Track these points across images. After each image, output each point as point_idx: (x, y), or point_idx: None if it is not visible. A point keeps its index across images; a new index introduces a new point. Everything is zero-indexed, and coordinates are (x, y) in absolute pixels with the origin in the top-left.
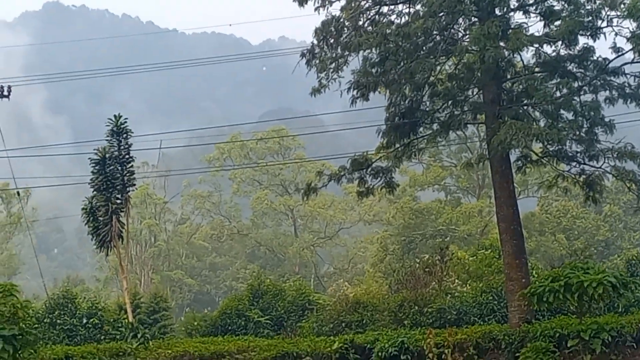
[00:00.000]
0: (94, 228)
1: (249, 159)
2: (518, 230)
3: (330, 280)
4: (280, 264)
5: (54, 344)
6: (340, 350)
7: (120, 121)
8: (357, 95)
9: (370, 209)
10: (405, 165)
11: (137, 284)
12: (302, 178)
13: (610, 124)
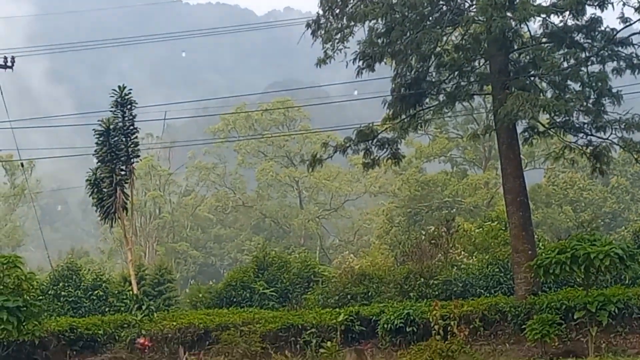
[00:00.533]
0: (98, 199)
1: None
2: (524, 202)
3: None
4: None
5: (58, 315)
6: (346, 322)
7: (124, 92)
8: (363, 66)
9: (376, 181)
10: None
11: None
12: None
13: (617, 95)
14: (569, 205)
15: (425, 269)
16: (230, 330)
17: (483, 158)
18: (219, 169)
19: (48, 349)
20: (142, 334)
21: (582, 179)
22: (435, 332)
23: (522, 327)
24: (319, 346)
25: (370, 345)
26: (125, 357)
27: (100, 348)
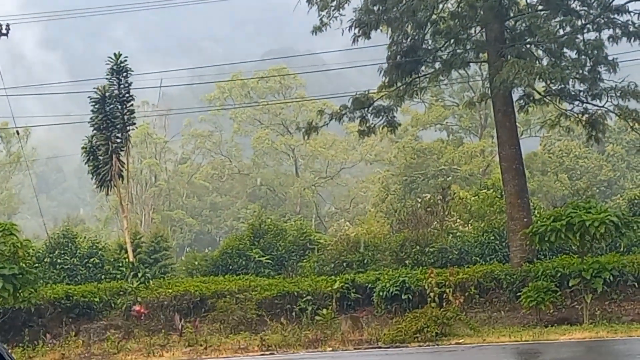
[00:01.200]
0: (94, 167)
1: (249, 98)
2: (520, 170)
3: (332, 220)
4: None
5: (54, 283)
6: (341, 289)
7: (120, 60)
8: (359, 33)
9: (372, 149)
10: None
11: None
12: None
13: (613, 63)
14: (565, 173)
15: (421, 237)
16: (226, 297)
17: (479, 126)
18: (215, 137)
19: (44, 316)
20: (138, 302)
21: (577, 146)
22: (430, 300)
23: (517, 295)
24: (315, 313)
25: (366, 312)
26: (121, 324)
27: (96, 315)
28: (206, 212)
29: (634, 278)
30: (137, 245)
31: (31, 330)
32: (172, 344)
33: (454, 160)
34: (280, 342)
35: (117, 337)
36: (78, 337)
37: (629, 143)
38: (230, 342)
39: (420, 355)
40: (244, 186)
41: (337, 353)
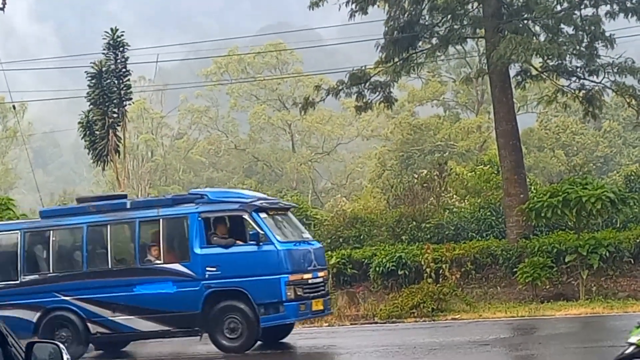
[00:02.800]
0: (90, 142)
1: (246, 74)
2: (517, 146)
3: (328, 196)
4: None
5: None
6: (338, 265)
7: (116, 34)
8: (356, 8)
9: (369, 125)
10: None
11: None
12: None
13: (610, 39)
14: (561, 149)
15: (418, 213)
16: None
17: (476, 102)
18: (212, 112)
19: None
20: None
21: (574, 123)
22: (427, 275)
23: (513, 270)
24: None
25: (362, 288)
26: None
27: None
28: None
29: (630, 254)
30: None
31: None
32: None
33: (451, 136)
34: None
35: None
36: None
37: (626, 119)
38: None
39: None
40: (241, 161)
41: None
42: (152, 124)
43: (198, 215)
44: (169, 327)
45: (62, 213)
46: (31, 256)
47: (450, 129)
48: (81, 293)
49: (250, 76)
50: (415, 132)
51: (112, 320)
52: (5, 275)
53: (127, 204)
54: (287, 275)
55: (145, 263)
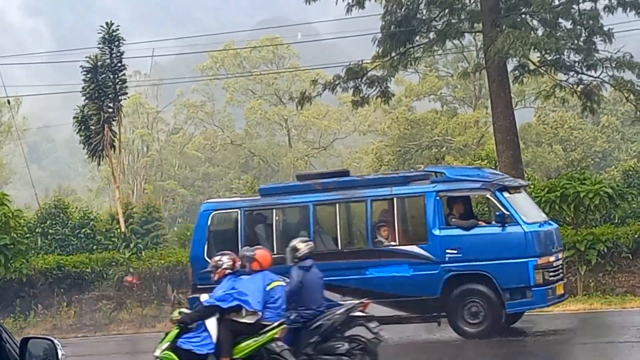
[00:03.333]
0: (85, 137)
1: (242, 69)
2: (515, 141)
3: None
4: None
5: (45, 253)
6: None
7: (112, 29)
8: (353, 3)
9: (365, 119)
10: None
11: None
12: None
13: (609, 33)
14: (559, 144)
15: None
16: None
17: (473, 97)
18: (208, 107)
19: (35, 286)
20: (130, 272)
21: (572, 118)
22: None
23: None
24: None
25: None
26: (113, 294)
27: (88, 286)
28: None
29: (628, 249)
30: (129, 216)
31: (23, 301)
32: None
33: (448, 131)
34: None
35: (108, 307)
36: (70, 307)
37: (624, 114)
38: None
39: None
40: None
41: None
42: (148, 118)
43: (436, 194)
44: (405, 312)
45: (283, 191)
46: (252, 236)
47: (447, 124)
48: None
49: (247, 71)
50: (413, 127)
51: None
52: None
53: (357, 181)
54: (535, 258)
55: (376, 244)
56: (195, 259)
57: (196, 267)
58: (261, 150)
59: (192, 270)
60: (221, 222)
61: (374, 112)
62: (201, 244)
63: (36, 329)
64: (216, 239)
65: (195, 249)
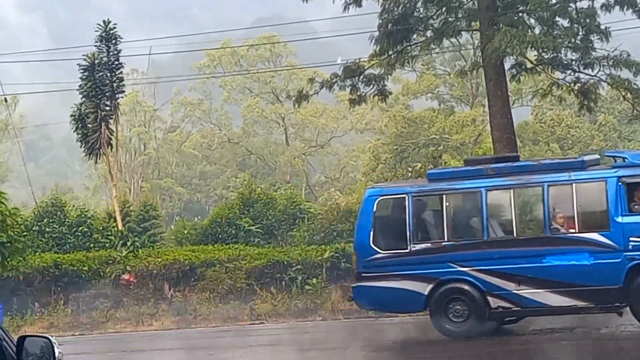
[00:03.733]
0: (82, 135)
1: (239, 67)
2: (512, 139)
3: (322, 189)
4: (271, 172)
5: (42, 251)
6: (332, 259)
7: (109, 27)
8: (350, 1)
9: (363, 118)
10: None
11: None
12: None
13: (606, 32)
14: (556, 142)
15: None
16: (215, 266)
17: (470, 95)
18: (205, 105)
19: (33, 284)
20: (127, 270)
21: (569, 116)
22: None
23: None
24: (305, 283)
25: None
26: (110, 293)
27: (85, 284)
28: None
29: None
30: (126, 214)
31: (19, 299)
32: (161, 313)
33: (445, 129)
34: (270, 312)
35: (105, 306)
36: (67, 305)
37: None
38: (219, 312)
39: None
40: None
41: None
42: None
43: (618, 179)
44: (584, 302)
45: (453, 176)
46: (421, 223)
47: (444, 122)
48: (481, 264)
49: (244, 69)
50: (410, 126)
51: (517, 293)
52: (392, 244)
53: (532, 166)
54: None
55: (553, 231)
56: (360, 246)
57: (361, 255)
58: (258, 149)
59: (357, 258)
60: (387, 207)
61: (371, 111)
62: (366, 230)
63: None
64: (382, 226)
65: (360, 236)
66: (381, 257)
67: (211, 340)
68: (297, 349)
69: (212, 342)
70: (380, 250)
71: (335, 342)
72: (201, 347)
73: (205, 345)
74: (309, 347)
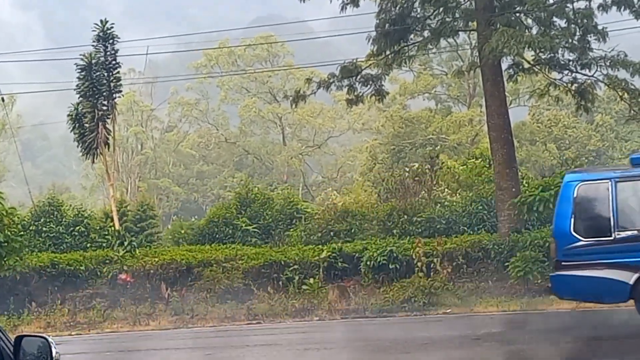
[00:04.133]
0: (79, 135)
1: (237, 67)
2: (509, 139)
3: (319, 189)
4: (268, 172)
5: (39, 251)
6: (329, 259)
7: (106, 26)
8: (348, 1)
9: (360, 118)
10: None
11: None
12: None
13: (603, 32)
14: (553, 142)
15: (409, 206)
16: (212, 266)
17: (467, 95)
18: (202, 105)
19: (29, 284)
20: (124, 270)
21: (566, 116)
22: (418, 270)
23: (505, 265)
24: (302, 283)
25: (353, 282)
26: (107, 292)
27: (82, 284)
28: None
29: None
30: (123, 214)
31: (16, 299)
32: (159, 313)
33: (442, 129)
34: (267, 312)
35: (102, 305)
36: (64, 305)
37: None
38: (216, 311)
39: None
40: (231, 155)
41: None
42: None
43: None
44: None
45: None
46: (626, 209)
47: (441, 122)
48: None
49: (241, 69)
50: (407, 126)
51: None
52: (594, 231)
53: None
54: None
55: None
56: (559, 234)
57: (561, 243)
58: (255, 148)
59: (555, 246)
60: (588, 193)
61: (369, 111)
62: (566, 217)
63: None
64: (583, 212)
65: (560, 223)
66: (582, 245)
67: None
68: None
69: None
70: (581, 238)
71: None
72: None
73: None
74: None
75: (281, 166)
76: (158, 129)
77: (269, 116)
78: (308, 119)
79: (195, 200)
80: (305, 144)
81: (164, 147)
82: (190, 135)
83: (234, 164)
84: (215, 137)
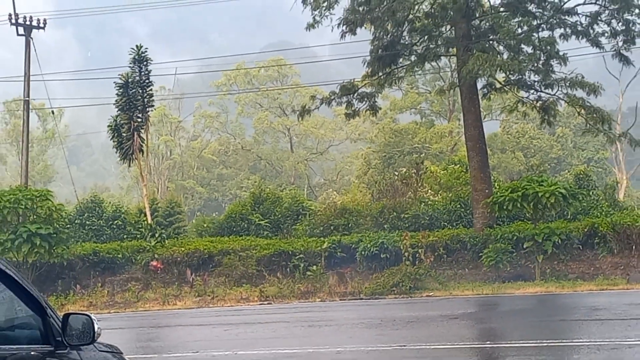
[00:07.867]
0: (118, 143)
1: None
2: (483, 148)
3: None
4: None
5: (83, 241)
6: (329, 249)
7: (141, 50)
8: (346, 30)
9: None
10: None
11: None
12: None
13: (564, 57)
14: (521, 151)
15: (398, 205)
16: (230, 255)
17: (448, 110)
18: (222, 118)
19: (74, 269)
20: (155, 258)
21: (532, 129)
22: (405, 259)
23: (479, 255)
24: (306, 269)
25: (350, 269)
26: (141, 277)
27: (119, 269)
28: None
29: (579, 241)
30: (155, 210)
31: (63, 282)
32: (184, 295)
33: (426, 139)
34: (277, 294)
35: (137, 288)
36: (104, 287)
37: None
38: (233, 293)
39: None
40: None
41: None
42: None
43: None
44: None
45: None
46: None
47: (425, 133)
48: None
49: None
50: (396, 136)
51: None
52: None
53: None
54: None
55: None
56: None
57: None
58: (267, 155)
59: None
60: None
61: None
62: None
63: (75, 305)
64: None
65: None
66: None
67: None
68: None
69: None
70: None
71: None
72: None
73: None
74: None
75: (289, 170)
76: (184, 137)
77: (279, 127)
78: (312, 130)
79: (216, 199)
80: (310, 151)
81: (189, 154)
82: (212, 143)
83: (249, 168)
84: (233, 145)
